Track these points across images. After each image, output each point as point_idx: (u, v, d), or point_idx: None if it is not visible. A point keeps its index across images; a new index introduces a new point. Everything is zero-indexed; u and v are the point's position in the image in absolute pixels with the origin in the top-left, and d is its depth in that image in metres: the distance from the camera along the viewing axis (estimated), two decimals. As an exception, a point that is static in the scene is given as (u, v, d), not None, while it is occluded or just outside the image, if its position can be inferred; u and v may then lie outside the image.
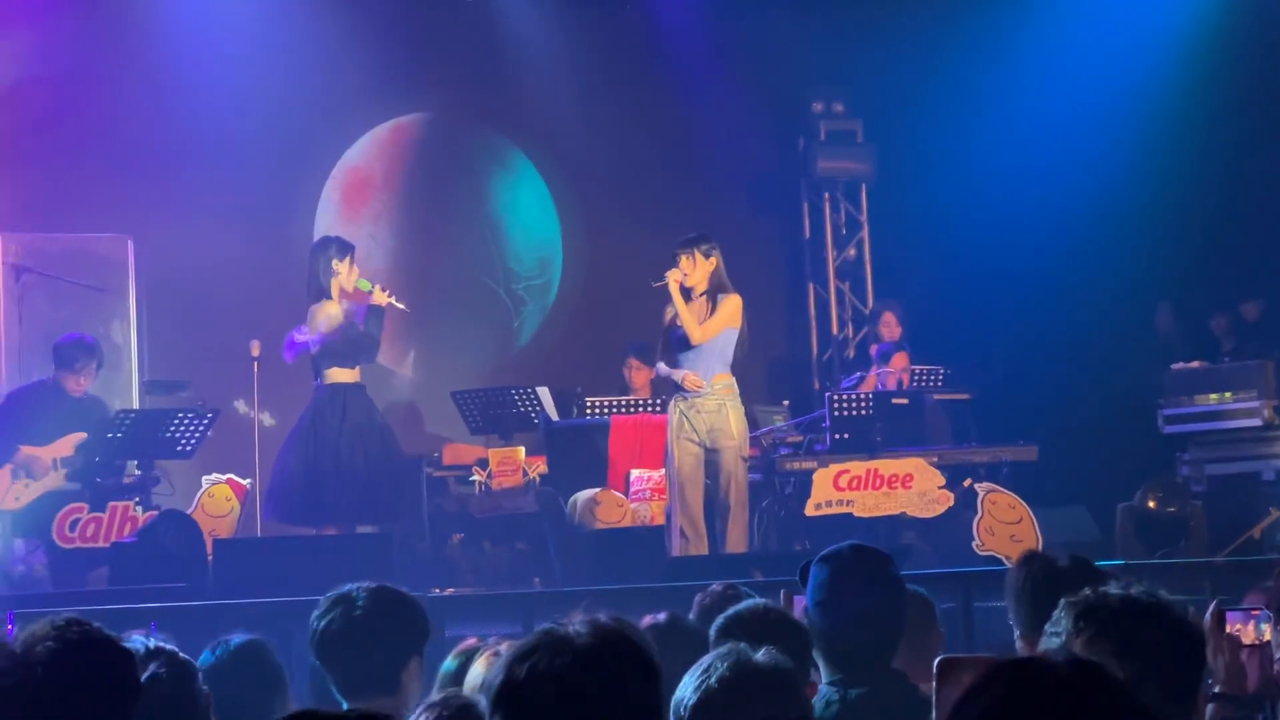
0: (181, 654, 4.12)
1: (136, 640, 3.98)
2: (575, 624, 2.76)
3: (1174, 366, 13.83)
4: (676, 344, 11.36)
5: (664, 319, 11.44)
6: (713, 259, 11.31)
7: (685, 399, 11.28)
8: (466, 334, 15.65)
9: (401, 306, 12.11)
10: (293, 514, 11.97)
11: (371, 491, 11.81)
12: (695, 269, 11.29)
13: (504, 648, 4.51)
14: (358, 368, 11.99)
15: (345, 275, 11.93)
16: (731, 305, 11.30)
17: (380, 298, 11.92)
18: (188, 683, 4.07)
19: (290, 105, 14.77)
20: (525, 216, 16.01)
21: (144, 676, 3.68)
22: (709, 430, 11.20)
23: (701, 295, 11.33)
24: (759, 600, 4.83)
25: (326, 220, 15.28)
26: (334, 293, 11.89)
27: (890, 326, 14.62)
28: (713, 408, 11.22)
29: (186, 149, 14.37)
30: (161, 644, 4.13)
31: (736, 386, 11.36)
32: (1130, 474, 13.05)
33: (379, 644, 4.71)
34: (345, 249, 12.06)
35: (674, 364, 11.43)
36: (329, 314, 11.80)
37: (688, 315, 11.23)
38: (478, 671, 4.57)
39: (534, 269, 16.01)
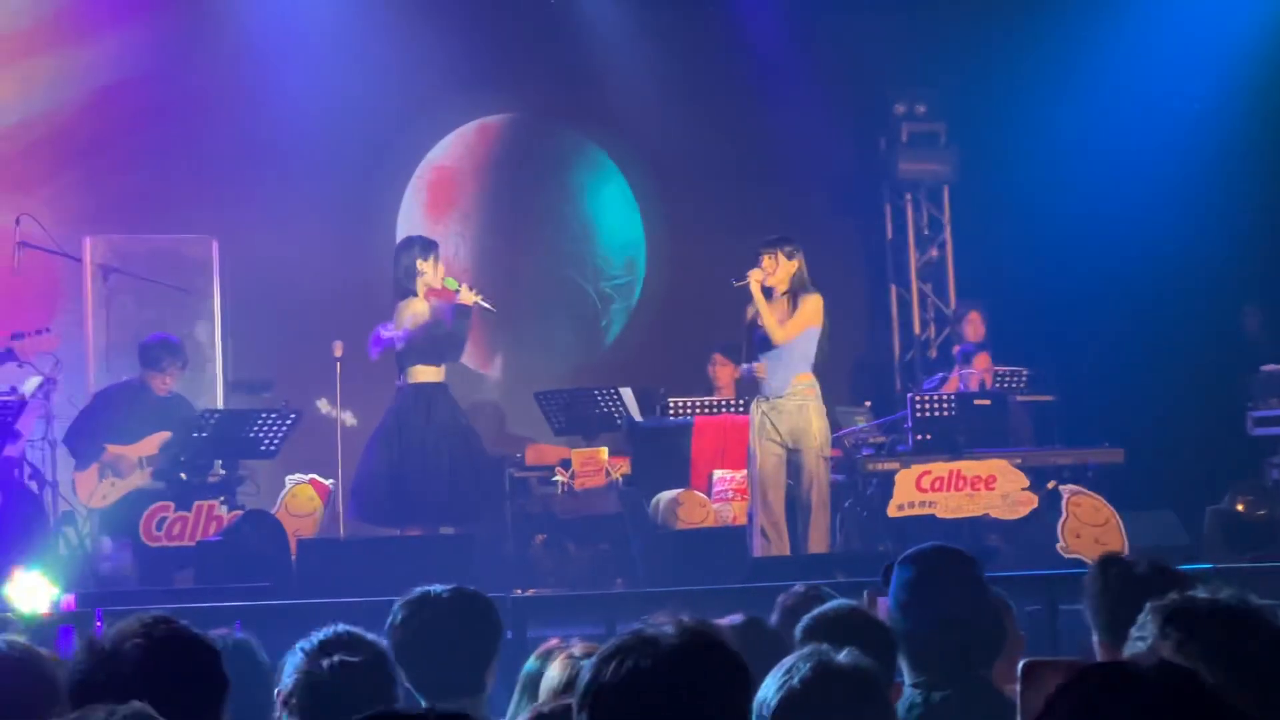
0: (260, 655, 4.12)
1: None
2: (663, 625, 2.76)
3: (1263, 368, 13.72)
4: (758, 344, 11.35)
5: (745, 318, 11.43)
6: (795, 261, 11.29)
7: (767, 400, 11.27)
8: (553, 334, 15.68)
9: (488, 306, 12.11)
10: (377, 514, 12.00)
11: (455, 492, 11.82)
12: (777, 269, 11.27)
13: (578, 649, 4.52)
14: (442, 367, 12.00)
15: (431, 274, 11.95)
16: (812, 304, 11.27)
17: (467, 296, 11.92)
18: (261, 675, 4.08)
19: (373, 106, 14.84)
20: (612, 215, 16.03)
21: None
22: (790, 431, 11.19)
23: (783, 295, 11.31)
24: (845, 601, 4.81)
25: (411, 219, 15.34)
26: (420, 291, 11.91)
27: (975, 326, 14.55)
28: (794, 408, 11.21)
29: (271, 150, 14.46)
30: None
31: (818, 387, 11.33)
32: (1218, 477, 12.96)
33: (464, 646, 4.69)
34: (429, 248, 12.08)
35: (754, 366, 11.43)
36: (416, 311, 11.82)
37: (769, 315, 11.21)
38: (553, 674, 4.57)
39: (621, 268, 16.03)
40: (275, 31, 14.51)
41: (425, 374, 11.89)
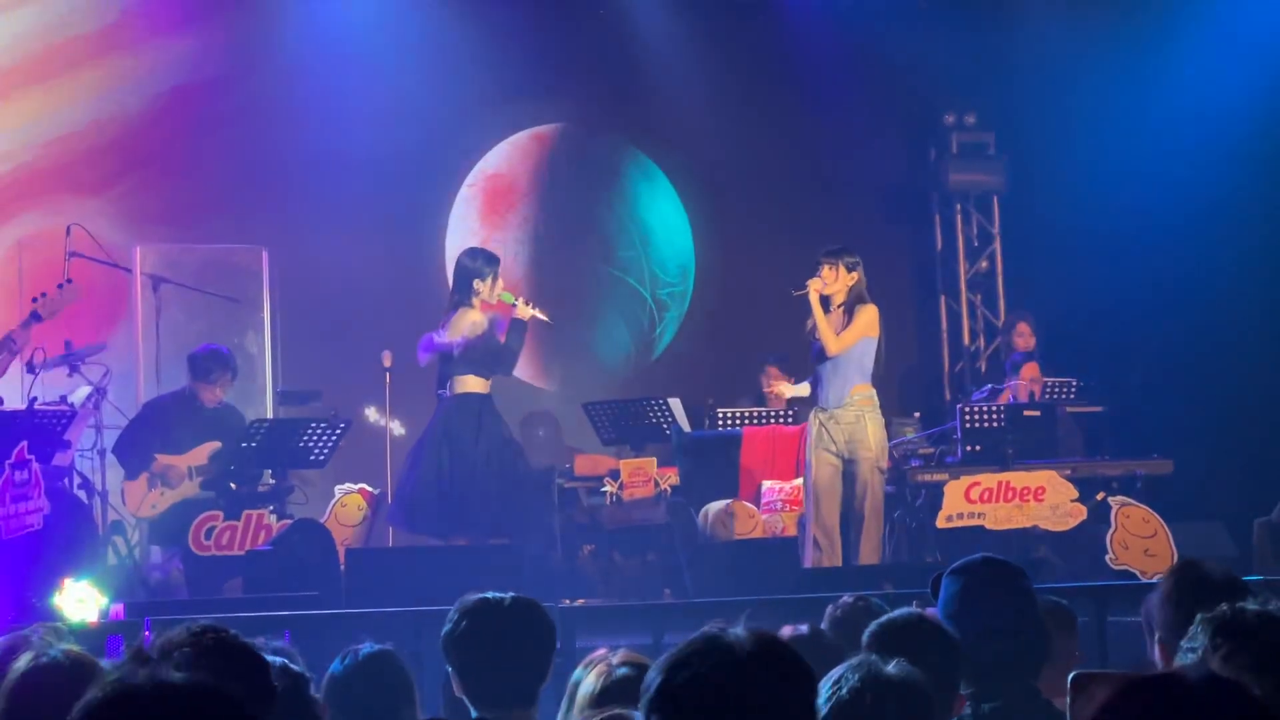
0: (294, 665, 4.11)
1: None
2: (735, 631, 2.76)
3: (1313, 379, 13.65)
4: (815, 355, 11.38)
5: (806, 329, 11.45)
6: (855, 274, 11.34)
7: (825, 410, 11.29)
8: (609, 339, 15.70)
9: (545, 319, 12.12)
10: (424, 524, 11.99)
11: (503, 504, 11.83)
12: (836, 280, 11.30)
13: (616, 658, 4.52)
14: (490, 379, 12.01)
15: (487, 292, 11.92)
16: (868, 315, 11.28)
17: (524, 311, 11.92)
18: (301, 692, 4.08)
19: (422, 116, 14.88)
20: (665, 224, 16.04)
21: None
22: (847, 441, 11.20)
23: (839, 306, 11.33)
24: (914, 610, 4.77)
25: (466, 227, 15.38)
26: (476, 304, 11.91)
27: (1025, 337, 14.52)
28: (851, 419, 11.23)
29: (320, 160, 14.50)
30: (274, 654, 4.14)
31: (876, 398, 11.34)
32: (1268, 489, 12.86)
33: (522, 655, 4.68)
34: (492, 262, 12.06)
35: (814, 374, 11.45)
36: (474, 320, 11.81)
37: (825, 326, 11.23)
38: (589, 683, 4.56)
39: (676, 275, 16.04)
40: (324, 41, 14.56)
41: (473, 384, 11.89)
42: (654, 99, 15.62)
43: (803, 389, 11.74)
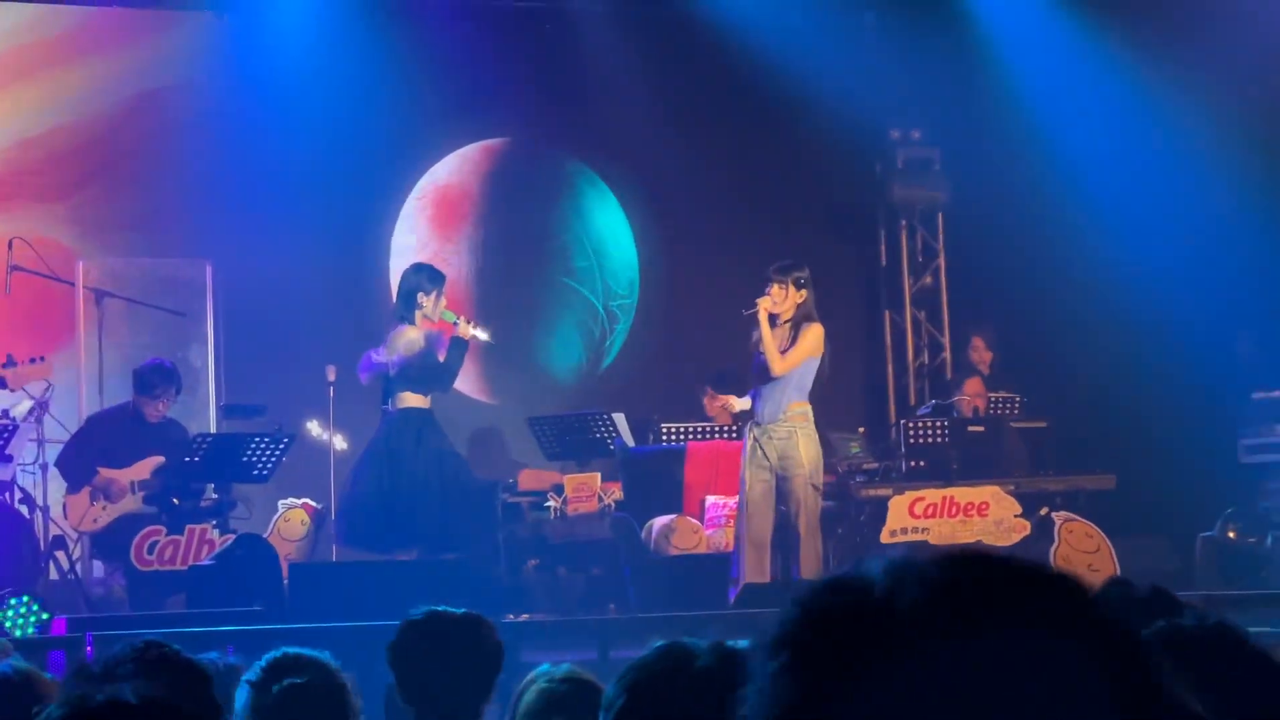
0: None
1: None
2: (697, 644, 2.76)
3: (1255, 395, 13.72)
4: (756, 370, 11.33)
5: (750, 345, 11.39)
6: (804, 291, 11.23)
7: (760, 426, 11.25)
8: (560, 351, 15.69)
9: (486, 338, 12.12)
10: (365, 540, 11.97)
11: (446, 518, 11.81)
12: (786, 299, 11.20)
13: (559, 674, 4.52)
14: (430, 395, 12.00)
15: (430, 308, 11.91)
16: (814, 335, 11.23)
17: (465, 330, 11.91)
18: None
19: (367, 130, 14.84)
20: (614, 237, 16.04)
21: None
22: (780, 457, 11.15)
23: (785, 323, 11.26)
24: None
25: (417, 239, 15.34)
26: (417, 321, 11.90)
27: (979, 351, 14.58)
28: (784, 434, 11.17)
29: (265, 173, 14.45)
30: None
31: (811, 415, 11.28)
32: (1210, 504, 12.96)
33: (468, 670, 4.67)
34: (436, 280, 12.05)
35: (753, 389, 11.42)
36: (410, 339, 11.80)
37: (771, 346, 11.15)
38: (531, 697, 4.56)
39: (626, 288, 16.04)
40: (270, 54, 14.51)
41: (413, 400, 11.88)
42: (599, 115, 15.62)
43: (745, 402, 11.71)
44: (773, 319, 11.23)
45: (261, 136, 14.46)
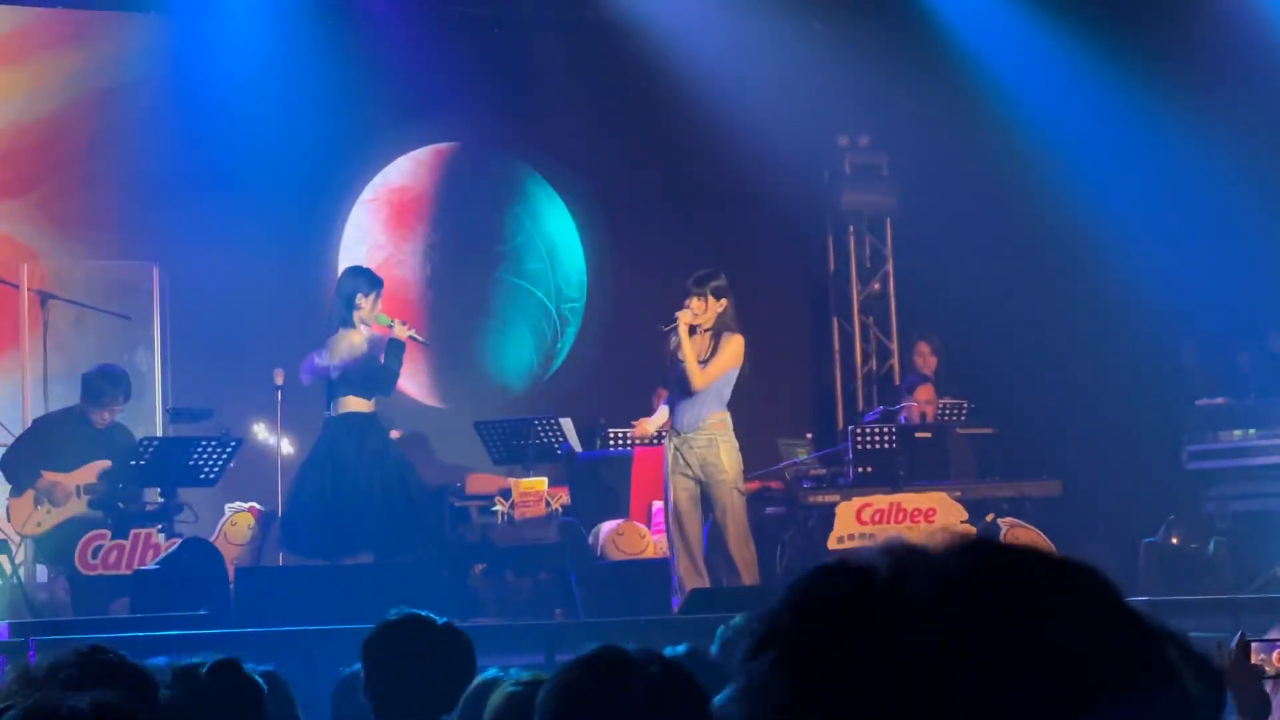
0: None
1: None
2: (630, 651, 2.76)
3: (1198, 402, 13.79)
4: (674, 381, 11.30)
5: (669, 349, 11.34)
6: (723, 300, 11.16)
7: (679, 434, 11.21)
8: (512, 353, 15.68)
9: (422, 340, 12.10)
10: (308, 546, 11.90)
11: (391, 522, 11.78)
12: (705, 310, 11.16)
13: (508, 679, 4.52)
14: (373, 399, 11.97)
15: (367, 310, 11.86)
16: (734, 347, 11.16)
17: (401, 332, 11.88)
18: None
19: (315, 133, 14.79)
20: (564, 240, 16.04)
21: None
22: (701, 464, 11.11)
23: (706, 332, 11.21)
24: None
25: (371, 240, 15.32)
26: (355, 322, 11.86)
27: (924, 357, 14.62)
28: (704, 443, 11.12)
29: (212, 177, 14.40)
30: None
31: (730, 423, 11.19)
32: (1154, 510, 13.03)
33: (441, 678, 4.66)
34: (374, 284, 12.01)
35: (672, 400, 11.38)
36: (352, 343, 11.77)
37: (692, 360, 11.07)
38: (495, 702, 4.56)
39: (576, 291, 16.04)
40: (217, 56, 14.47)
41: (356, 404, 11.83)
42: (547, 121, 15.62)
43: (661, 416, 11.62)
44: (693, 328, 11.19)
45: (210, 139, 14.42)
